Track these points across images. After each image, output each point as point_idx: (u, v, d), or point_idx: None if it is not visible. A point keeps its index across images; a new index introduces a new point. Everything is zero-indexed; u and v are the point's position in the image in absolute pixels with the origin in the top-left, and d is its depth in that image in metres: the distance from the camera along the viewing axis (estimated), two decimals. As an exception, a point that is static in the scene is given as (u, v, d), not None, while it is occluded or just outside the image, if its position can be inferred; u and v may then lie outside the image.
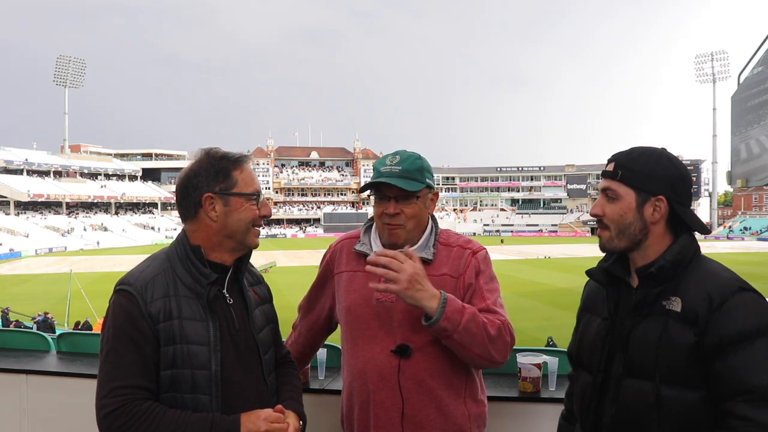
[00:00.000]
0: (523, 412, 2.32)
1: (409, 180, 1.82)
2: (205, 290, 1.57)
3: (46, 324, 16.40)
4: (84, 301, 21.74)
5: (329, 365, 2.61)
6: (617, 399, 1.48)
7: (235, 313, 1.64)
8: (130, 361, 1.48)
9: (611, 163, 1.54)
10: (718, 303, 1.37)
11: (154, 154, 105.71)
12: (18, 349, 3.26)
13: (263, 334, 1.72)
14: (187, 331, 1.53)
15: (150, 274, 1.57)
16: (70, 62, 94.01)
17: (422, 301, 1.68)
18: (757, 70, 13.17)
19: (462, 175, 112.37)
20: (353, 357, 1.87)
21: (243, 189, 1.61)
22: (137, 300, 1.51)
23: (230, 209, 1.60)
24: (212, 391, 1.54)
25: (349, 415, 1.91)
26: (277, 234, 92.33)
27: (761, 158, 12.88)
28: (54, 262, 49.09)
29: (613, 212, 1.51)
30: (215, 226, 1.60)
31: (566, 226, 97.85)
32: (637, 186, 1.49)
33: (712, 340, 1.36)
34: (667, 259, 1.46)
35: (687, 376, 1.38)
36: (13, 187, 73.62)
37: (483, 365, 1.82)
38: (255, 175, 1.67)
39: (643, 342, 1.44)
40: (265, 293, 1.81)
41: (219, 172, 1.60)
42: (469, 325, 1.69)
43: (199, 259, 1.59)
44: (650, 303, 1.46)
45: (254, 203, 1.64)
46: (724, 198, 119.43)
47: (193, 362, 1.52)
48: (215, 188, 1.59)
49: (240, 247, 1.65)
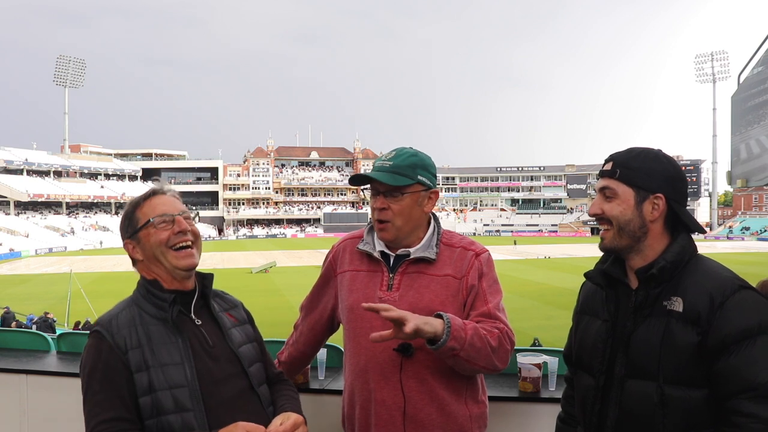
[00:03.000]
0: (523, 412, 2.32)
1: (396, 175, 1.81)
2: (168, 312, 1.62)
3: (46, 324, 16.40)
4: (84, 301, 21.75)
5: (329, 365, 2.61)
6: (620, 401, 1.47)
7: (206, 332, 1.67)
8: (105, 396, 1.52)
9: (609, 162, 1.54)
10: (719, 302, 1.38)
11: (154, 154, 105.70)
12: (18, 349, 3.26)
13: (244, 349, 1.73)
14: (158, 355, 1.57)
15: (115, 311, 1.65)
16: (70, 62, 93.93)
17: (428, 327, 1.63)
18: (757, 70, 13.18)
19: (462, 175, 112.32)
20: (355, 355, 1.87)
21: (141, 221, 1.68)
22: (104, 336, 1.58)
23: (143, 244, 1.67)
24: (194, 407, 1.55)
25: (350, 414, 1.91)
26: (277, 234, 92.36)
27: (761, 158, 12.88)
28: (54, 262, 49.09)
29: (612, 210, 1.51)
30: (146, 263, 1.69)
31: (566, 226, 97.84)
32: (635, 184, 1.49)
33: (714, 339, 1.37)
34: (667, 259, 1.46)
35: (690, 376, 1.39)
36: (13, 187, 73.61)
37: (486, 373, 1.84)
38: (164, 201, 1.69)
39: (645, 343, 1.44)
40: (243, 316, 1.83)
41: (126, 219, 1.71)
42: (473, 341, 1.69)
43: (158, 288, 1.66)
44: (650, 304, 1.46)
45: (162, 227, 1.66)
46: (724, 198, 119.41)
47: (169, 382, 1.55)
48: (127, 234, 1.70)
49: (175, 273, 1.67)
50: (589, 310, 1.63)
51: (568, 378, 1.77)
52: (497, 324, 1.78)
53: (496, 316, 1.80)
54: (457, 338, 1.66)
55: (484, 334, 1.72)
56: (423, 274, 1.84)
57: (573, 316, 1.73)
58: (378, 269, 1.89)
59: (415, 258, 1.85)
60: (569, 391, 1.77)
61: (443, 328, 1.65)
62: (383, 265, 1.88)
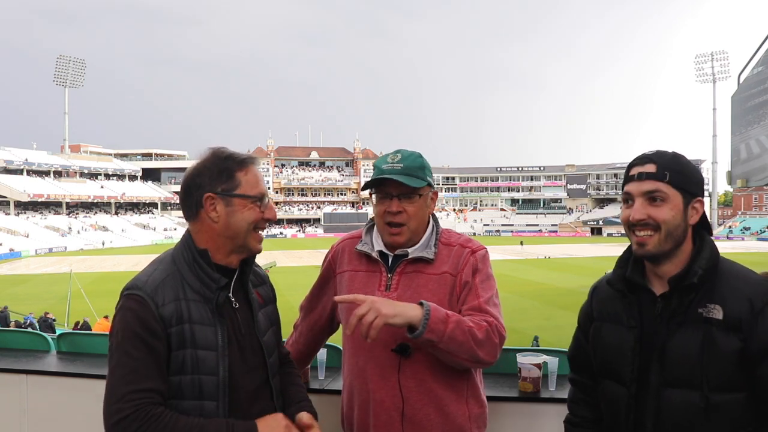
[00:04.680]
0: (523, 413, 2.31)
1: (412, 177, 1.81)
2: (214, 295, 1.54)
3: (46, 324, 16.39)
4: (84, 301, 21.75)
5: (329, 365, 2.61)
6: (659, 410, 1.45)
7: (240, 317, 1.63)
8: (144, 364, 1.43)
9: (650, 164, 1.47)
10: (759, 307, 1.39)
11: (154, 154, 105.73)
12: (18, 349, 3.25)
13: (267, 337, 1.70)
14: (196, 336, 1.50)
15: (158, 277, 1.53)
16: (70, 62, 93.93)
17: (406, 313, 1.64)
18: (757, 70, 13.19)
19: (462, 175, 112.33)
20: (354, 356, 1.87)
21: (246, 191, 1.58)
22: (149, 303, 1.47)
23: (232, 210, 1.57)
24: (219, 397, 1.52)
25: (349, 414, 1.91)
26: (277, 234, 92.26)
27: (761, 158, 12.88)
28: (54, 262, 49.07)
29: (663, 214, 1.45)
30: (217, 228, 1.57)
31: (566, 226, 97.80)
32: (684, 188, 1.47)
33: (757, 344, 1.38)
34: (702, 267, 1.45)
35: (734, 381, 1.40)
36: (13, 187, 73.61)
37: (472, 366, 1.81)
38: (261, 178, 1.64)
39: (683, 351, 1.42)
40: (269, 294, 1.80)
41: (222, 173, 1.57)
42: (454, 334, 1.67)
43: (207, 262, 1.56)
44: (683, 311, 1.45)
45: (257, 205, 1.61)
46: (724, 198, 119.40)
47: (201, 368, 1.50)
48: (217, 188, 1.56)
49: (242, 251, 1.62)
50: (609, 316, 1.58)
51: (577, 381, 1.73)
52: (487, 317, 1.76)
53: (485, 309, 1.78)
54: (434, 331, 1.65)
55: (469, 327, 1.70)
56: (421, 273, 1.84)
57: (582, 321, 1.69)
58: (376, 269, 1.88)
59: (414, 257, 1.85)
60: (579, 395, 1.72)
61: (421, 319, 1.65)
62: (381, 265, 1.88)
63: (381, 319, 1.61)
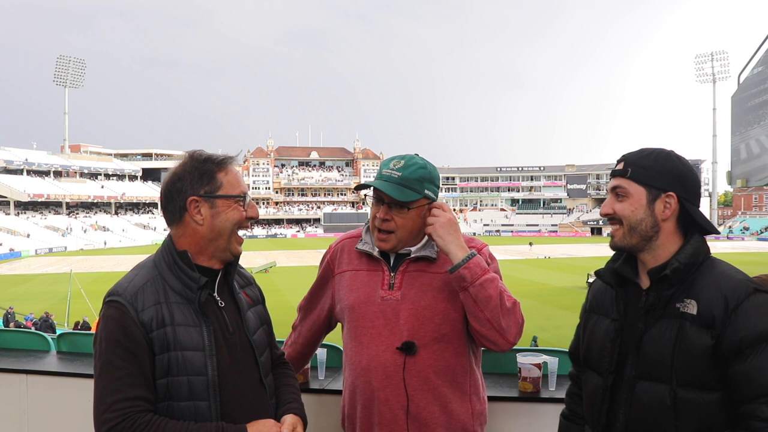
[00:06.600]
0: (523, 412, 2.31)
1: (404, 188, 1.78)
2: (195, 295, 1.55)
3: (46, 324, 16.39)
4: (84, 301, 21.74)
5: (329, 365, 2.61)
6: (631, 402, 1.47)
7: (227, 316, 1.63)
8: (127, 372, 1.45)
9: (621, 162, 1.54)
10: (734, 305, 1.38)
11: (154, 154, 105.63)
12: (18, 349, 3.26)
13: (257, 336, 1.71)
14: (180, 338, 1.51)
15: (138, 282, 1.54)
16: (70, 62, 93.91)
17: (449, 245, 1.73)
18: (757, 70, 13.19)
19: (462, 175, 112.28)
20: (357, 355, 1.86)
21: (228, 191, 1.59)
22: (128, 309, 1.49)
23: (216, 211, 1.58)
24: (210, 396, 1.52)
25: (351, 414, 1.90)
26: (277, 234, 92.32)
27: (761, 158, 12.88)
28: (54, 262, 49.09)
29: (624, 209, 1.51)
30: (201, 230, 1.58)
31: (566, 226, 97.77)
32: (647, 183, 1.49)
33: (729, 343, 1.36)
34: (680, 260, 1.45)
35: (704, 379, 1.39)
36: (13, 187, 73.59)
37: (490, 336, 1.75)
38: (241, 177, 1.65)
39: (657, 345, 1.43)
40: (257, 295, 1.80)
41: (203, 175, 1.58)
42: (486, 284, 1.71)
43: (187, 263, 1.56)
44: (663, 305, 1.46)
45: (240, 205, 1.62)
46: (724, 198, 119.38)
47: (188, 369, 1.50)
48: (200, 191, 1.57)
49: (224, 254, 1.63)
50: (598, 308, 1.62)
51: (574, 375, 1.76)
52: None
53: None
54: (471, 269, 1.70)
55: (502, 289, 1.74)
56: (425, 272, 1.84)
57: (581, 314, 1.72)
58: (378, 268, 1.88)
59: (416, 256, 1.85)
60: (574, 389, 1.76)
61: (463, 256, 1.71)
62: (384, 264, 1.87)
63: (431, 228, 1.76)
